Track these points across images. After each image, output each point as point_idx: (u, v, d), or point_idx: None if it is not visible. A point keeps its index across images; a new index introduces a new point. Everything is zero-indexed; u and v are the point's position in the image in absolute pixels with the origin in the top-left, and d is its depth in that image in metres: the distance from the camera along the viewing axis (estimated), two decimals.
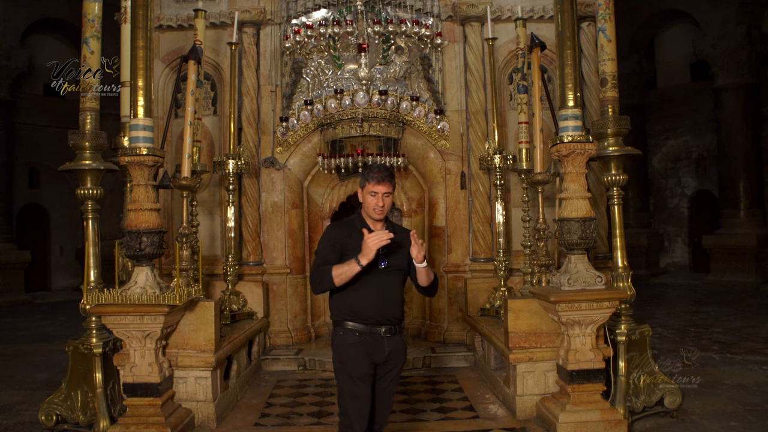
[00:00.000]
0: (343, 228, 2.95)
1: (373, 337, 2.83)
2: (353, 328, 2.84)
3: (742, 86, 11.21)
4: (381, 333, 2.84)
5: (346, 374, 2.82)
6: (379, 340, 2.84)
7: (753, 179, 11.19)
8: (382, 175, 2.87)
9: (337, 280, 2.76)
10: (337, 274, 2.76)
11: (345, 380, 2.83)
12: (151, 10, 4.03)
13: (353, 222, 2.96)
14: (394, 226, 3.02)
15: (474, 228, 6.16)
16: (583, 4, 5.97)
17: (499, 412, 4.38)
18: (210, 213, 6.24)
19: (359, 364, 2.81)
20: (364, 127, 5.79)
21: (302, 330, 6.32)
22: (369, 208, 2.89)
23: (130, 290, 3.81)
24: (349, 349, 2.82)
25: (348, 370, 2.82)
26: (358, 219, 2.96)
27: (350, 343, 2.83)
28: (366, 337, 2.82)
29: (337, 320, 2.91)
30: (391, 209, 3.06)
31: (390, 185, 2.89)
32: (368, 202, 2.89)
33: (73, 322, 7.01)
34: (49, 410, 4.06)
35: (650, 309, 8.66)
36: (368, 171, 2.91)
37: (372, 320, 2.84)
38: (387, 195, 2.89)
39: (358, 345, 2.82)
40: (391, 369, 2.91)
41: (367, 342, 2.82)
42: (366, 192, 2.89)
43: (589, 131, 4.55)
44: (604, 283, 3.90)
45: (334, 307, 2.91)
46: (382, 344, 2.85)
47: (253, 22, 6.20)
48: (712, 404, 4.43)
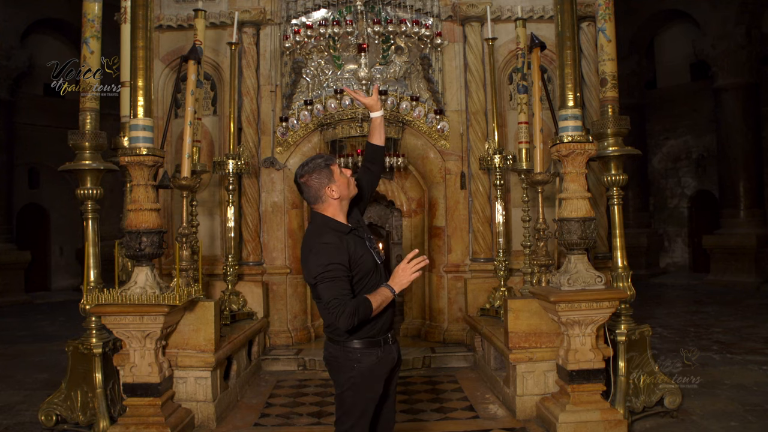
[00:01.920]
0: (337, 238, 2.53)
1: (386, 349, 2.62)
2: (367, 347, 2.57)
3: (742, 86, 11.20)
4: (390, 342, 2.66)
5: (361, 396, 2.58)
6: (389, 349, 2.64)
7: (753, 179, 11.19)
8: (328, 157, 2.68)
9: (374, 313, 2.47)
10: (376, 307, 2.46)
11: (358, 402, 2.58)
12: (151, 10, 4.03)
13: (333, 228, 2.59)
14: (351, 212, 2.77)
15: (474, 228, 6.16)
16: (583, 4, 5.97)
17: (499, 412, 4.38)
18: (210, 213, 6.24)
19: (378, 386, 2.60)
20: (364, 127, 5.79)
21: (302, 330, 6.32)
22: (351, 186, 2.66)
23: (130, 290, 3.81)
24: (369, 371, 2.56)
25: (363, 393, 2.58)
26: (332, 221, 2.61)
27: (368, 365, 2.56)
28: (381, 354, 2.59)
29: (345, 341, 2.57)
30: (390, 209, 2.95)
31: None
32: (341, 183, 2.62)
33: (73, 322, 7.00)
34: (49, 410, 4.06)
35: (650, 309, 8.66)
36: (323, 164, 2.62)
37: (385, 330, 2.62)
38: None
39: (377, 366, 2.57)
40: (397, 368, 2.75)
41: (383, 360, 2.60)
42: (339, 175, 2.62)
43: (589, 131, 4.55)
44: (604, 283, 3.90)
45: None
46: (392, 352, 2.66)
47: (253, 22, 6.20)
48: (712, 404, 4.42)
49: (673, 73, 13.58)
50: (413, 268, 2.49)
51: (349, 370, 2.57)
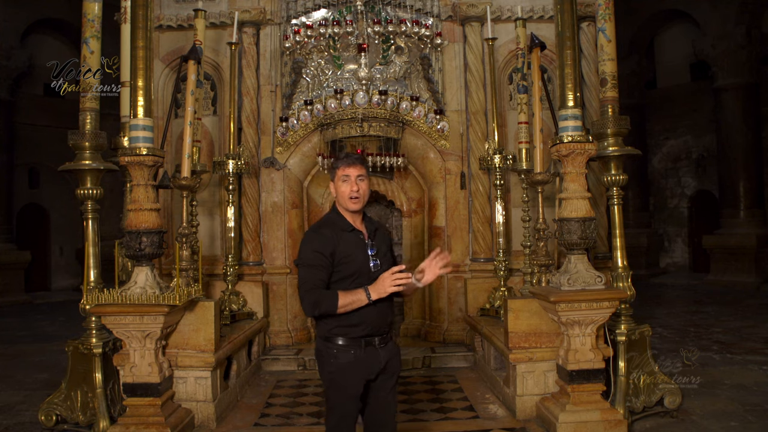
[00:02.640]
0: (326, 232, 2.60)
1: (368, 350, 2.60)
2: (346, 344, 2.58)
3: (742, 86, 11.21)
4: (376, 344, 2.62)
5: (339, 393, 2.61)
6: (375, 352, 2.62)
7: (753, 179, 11.19)
8: (351, 158, 2.64)
9: (341, 310, 2.50)
10: (343, 304, 2.49)
11: (337, 399, 2.62)
12: (151, 10, 4.02)
13: (333, 222, 2.65)
14: (372, 219, 2.81)
15: (474, 228, 6.16)
16: (583, 4, 5.97)
17: (499, 412, 4.38)
18: (210, 213, 6.24)
19: (354, 384, 2.59)
20: (364, 127, 5.79)
21: (302, 330, 6.32)
22: (344, 198, 2.62)
23: (130, 290, 3.81)
24: (346, 367, 2.57)
25: (342, 389, 2.59)
26: (336, 217, 2.67)
27: (345, 362, 2.57)
28: (360, 353, 2.58)
29: (328, 336, 2.61)
30: (390, 209, 2.94)
31: (362, 167, 2.64)
32: (342, 191, 2.62)
33: (73, 322, 6.99)
34: (49, 410, 4.06)
35: (650, 309, 8.66)
36: (335, 160, 2.72)
37: (368, 332, 2.59)
38: (361, 178, 2.62)
39: (353, 364, 2.57)
40: (390, 376, 2.70)
41: (361, 359, 2.58)
42: (338, 180, 2.63)
43: (589, 131, 4.55)
44: (604, 283, 3.90)
45: (324, 322, 2.61)
46: (378, 356, 2.63)
47: (253, 22, 6.20)
48: (712, 404, 4.43)
49: (673, 73, 13.58)
50: (395, 280, 2.48)
51: (328, 365, 2.61)
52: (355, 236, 2.64)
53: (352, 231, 2.64)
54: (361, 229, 2.70)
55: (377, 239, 2.72)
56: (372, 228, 2.74)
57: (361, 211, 2.70)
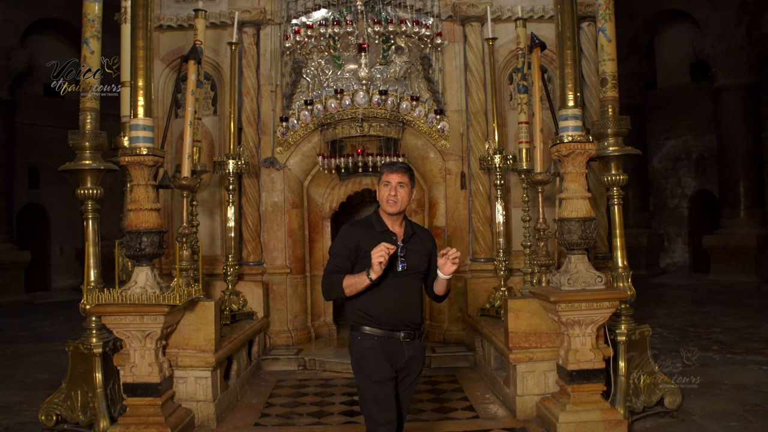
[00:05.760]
0: (360, 228, 2.83)
1: (392, 342, 2.74)
2: (371, 332, 2.73)
3: (742, 86, 11.21)
4: (400, 338, 2.75)
5: (367, 378, 2.71)
6: (399, 345, 2.75)
7: (753, 179, 11.20)
8: (396, 166, 2.81)
9: (347, 291, 2.68)
10: (347, 285, 2.67)
11: (366, 384, 2.72)
12: (151, 10, 4.02)
13: (371, 221, 2.85)
14: (414, 225, 2.93)
15: (474, 228, 6.16)
16: (583, 4, 5.97)
17: (499, 412, 4.38)
18: (210, 213, 6.24)
19: (380, 367, 2.70)
20: (364, 127, 5.79)
21: (302, 330, 6.32)
22: (383, 200, 2.79)
23: (130, 290, 3.81)
24: (367, 352, 2.72)
25: (368, 374, 2.70)
26: (375, 217, 2.85)
27: (368, 346, 2.72)
28: (384, 342, 2.73)
29: (354, 324, 2.78)
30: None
31: (404, 175, 2.79)
32: (382, 194, 2.79)
33: (73, 322, 7.01)
34: (49, 410, 4.06)
35: (650, 309, 8.66)
36: (382, 165, 2.88)
37: (390, 325, 2.73)
38: (401, 185, 2.77)
39: (377, 348, 2.72)
40: (410, 374, 2.83)
41: (385, 346, 2.73)
42: (381, 184, 2.81)
43: (589, 131, 4.55)
44: (604, 283, 3.90)
45: (351, 311, 2.79)
46: (402, 349, 2.75)
47: (253, 22, 6.20)
48: (712, 404, 4.43)
49: (673, 73, 13.58)
50: (377, 254, 2.56)
51: (354, 353, 2.79)
52: (387, 237, 2.76)
53: (385, 231, 2.79)
54: (397, 231, 2.83)
55: (412, 243, 2.83)
56: (409, 232, 2.86)
57: (400, 214, 2.84)
